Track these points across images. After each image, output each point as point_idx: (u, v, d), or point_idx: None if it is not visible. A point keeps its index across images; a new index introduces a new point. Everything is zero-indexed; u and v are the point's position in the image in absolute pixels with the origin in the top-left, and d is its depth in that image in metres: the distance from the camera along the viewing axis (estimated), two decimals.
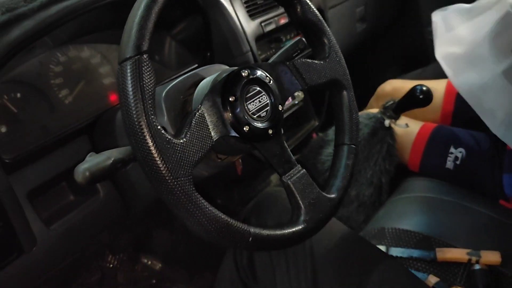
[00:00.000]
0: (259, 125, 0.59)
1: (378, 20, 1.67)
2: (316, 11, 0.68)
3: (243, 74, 0.60)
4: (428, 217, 0.98)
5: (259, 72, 0.61)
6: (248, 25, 1.01)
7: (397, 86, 1.32)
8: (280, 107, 0.62)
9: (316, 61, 0.67)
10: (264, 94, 0.61)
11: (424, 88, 1.00)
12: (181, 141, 0.50)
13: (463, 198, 1.02)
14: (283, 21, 1.11)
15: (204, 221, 0.50)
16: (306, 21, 0.68)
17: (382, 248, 0.91)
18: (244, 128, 0.57)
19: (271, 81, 0.62)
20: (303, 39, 0.78)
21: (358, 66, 1.75)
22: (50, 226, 0.72)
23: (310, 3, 0.68)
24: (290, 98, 1.20)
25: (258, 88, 0.61)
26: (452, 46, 1.06)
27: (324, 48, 0.68)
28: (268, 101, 0.61)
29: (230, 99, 0.57)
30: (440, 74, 1.39)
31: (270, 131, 0.60)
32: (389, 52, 1.86)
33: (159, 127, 0.48)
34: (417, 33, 1.79)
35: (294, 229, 0.57)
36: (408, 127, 1.10)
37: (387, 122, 1.08)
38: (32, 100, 0.82)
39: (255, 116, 0.60)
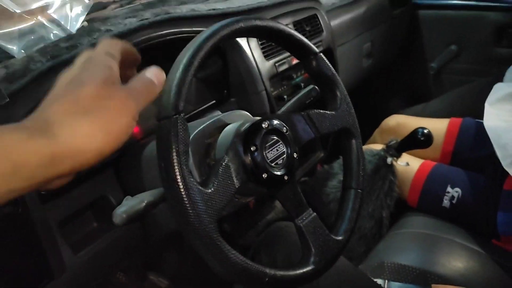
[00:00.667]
0: (276, 172, 0.65)
1: (384, 56, 1.75)
2: (330, 66, 0.74)
3: (263, 125, 0.65)
4: (425, 253, 1.04)
5: (277, 123, 0.67)
6: (263, 66, 1.08)
7: (400, 122, 1.40)
8: (295, 155, 0.68)
9: (328, 112, 0.73)
10: (281, 143, 0.67)
11: (425, 131, 1.07)
12: (209, 191, 0.56)
13: (458, 235, 1.08)
14: (295, 61, 1.17)
15: (226, 264, 0.55)
16: (321, 74, 0.74)
17: (382, 282, 0.97)
18: (263, 175, 0.63)
19: (288, 131, 0.68)
20: (316, 87, 0.84)
21: (363, 99, 1.82)
22: (77, 254, 0.78)
23: (325, 58, 0.74)
24: None
25: (276, 138, 0.67)
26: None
27: (336, 100, 0.75)
28: (284, 150, 0.67)
29: (252, 148, 0.63)
30: (441, 110, 1.47)
31: (286, 177, 0.66)
32: (392, 86, 1.93)
33: (191, 179, 0.54)
34: (420, 68, 1.86)
35: (305, 270, 0.62)
36: (408, 166, 1.16)
37: (389, 160, 1.14)
38: None
39: (273, 164, 0.65)
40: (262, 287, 0.59)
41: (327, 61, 0.75)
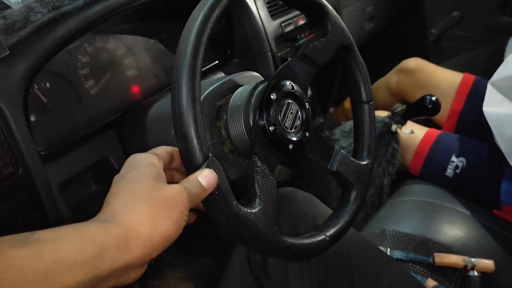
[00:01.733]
0: (299, 136, 0.63)
1: (385, 20, 1.71)
2: None
3: (272, 97, 0.62)
4: (426, 222, 1.04)
5: (283, 85, 0.64)
6: (269, 25, 1.03)
7: (421, 64, 1.39)
8: (307, 105, 0.66)
9: (321, 39, 0.69)
10: (293, 103, 0.64)
11: (433, 99, 1.05)
12: (256, 210, 0.54)
13: (460, 205, 1.08)
14: (301, 21, 1.13)
15: (299, 251, 0.58)
16: (304, 1, 0.69)
17: (384, 249, 0.97)
18: (290, 147, 0.62)
19: (294, 86, 0.64)
20: None
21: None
22: (78, 216, 0.75)
23: None
24: None
25: (287, 101, 0.64)
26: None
27: (325, 23, 0.70)
28: (297, 108, 0.64)
29: (271, 129, 0.61)
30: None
31: (307, 134, 0.65)
32: (391, 51, 1.90)
33: (240, 207, 0.52)
34: (420, 34, 1.82)
35: (352, 209, 0.68)
36: (413, 133, 1.15)
37: (394, 127, 1.12)
38: (61, 90, 0.83)
39: (293, 130, 0.63)
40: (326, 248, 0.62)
41: None
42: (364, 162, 0.71)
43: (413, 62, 1.40)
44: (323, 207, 0.87)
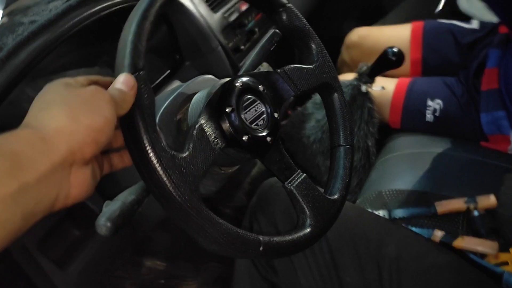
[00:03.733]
0: (257, 134, 0.60)
1: None
2: (302, 17, 0.68)
3: (237, 84, 0.59)
4: (419, 173, 1.02)
5: (251, 81, 0.61)
6: (212, 19, 0.99)
7: (363, 34, 1.36)
8: (276, 114, 0.63)
9: (305, 66, 0.67)
10: (259, 103, 0.61)
11: (395, 50, 1.02)
12: (184, 155, 0.50)
13: (447, 147, 1.07)
14: (244, 7, 1.09)
15: (216, 235, 0.49)
16: (293, 28, 0.68)
17: (385, 212, 0.95)
18: (244, 138, 0.58)
19: (265, 90, 0.62)
20: (277, 31, 0.77)
21: (316, 18, 1.73)
22: (65, 270, 0.72)
23: (295, 10, 0.68)
24: None
25: (252, 97, 0.61)
26: None
27: (312, 53, 0.68)
28: (263, 109, 0.62)
29: (227, 110, 0.57)
30: (397, 23, 1.42)
31: (269, 139, 0.61)
32: (343, 7, 1.85)
33: (162, 144, 0.48)
34: None
35: (302, 234, 0.58)
36: (384, 89, 1.12)
37: (363, 87, 1.10)
38: None
39: (252, 125, 0.60)
40: (258, 256, 0.54)
41: (297, 12, 0.68)
42: (332, 197, 0.63)
43: (355, 35, 1.38)
44: None
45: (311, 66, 0.67)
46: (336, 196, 0.63)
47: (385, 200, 0.98)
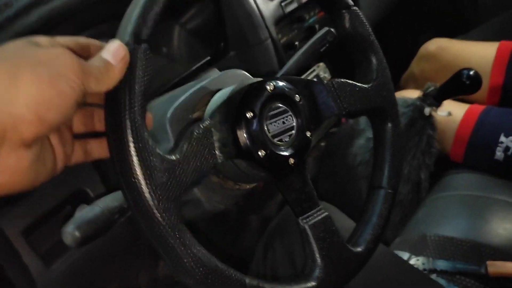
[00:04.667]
0: (279, 151, 0.49)
1: None
2: (367, 25, 0.57)
3: (268, 87, 0.49)
4: (475, 221, 0.87)
5: (288, 87, 0.51)
6: (266, 7, 0.88)
7: (443, 46, 1.19)
8: (308, 134, 0.52)
9: (359, 84, 0.56)
10: (290, 115, 0.51)
11: (472, 73, 0.87)
12: (174, 157, 0.40)
13: None
14: None
15: (189, 262, 0.39)
16: (354, 35, 0.57)
17: (425, 260, 0.81)
18: (259, 152, 0.47)
19: (302, 100, 0.51)
20: (332, 30, 0.66)
21: (390, 36, 1.59)
22: (50, 266, 0.64)
23: (361, 14, 0.57)
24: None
25: (284, 107, 0.50)
26: None
27: (371, 69, 0.58)
28: (294, 124, 0.51)
29: (248, 114, 0.47)
30: (484, 39, 1.24)
31: (292, 161, 0.50)
32: (422, 17, 1.68)
33: (145, 133, 0.38)
34: None
35: (303, 287, 0.47)
36: (451, 115, 0.97)
37: (427, 110, 0.95)
38: None
39: (275, 140, 0.50)
40: None
41: (363, 17, 0.58)
42: (354, 249, 0.52)
43: (433, 45, 1.20)
44: (345, 222, 0.73)
45: (366, 86, 0.56)
46: (360, 249, 0.52)
47: (428, 246, 0.84)
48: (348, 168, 1.05)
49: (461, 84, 0.88)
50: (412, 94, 1.05)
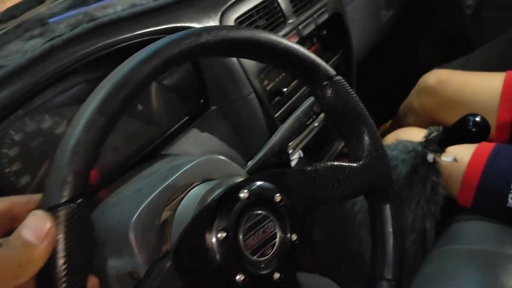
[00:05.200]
0: (261, 270, 0.42)
1: (405, 2, 1.42)
2: (353, 93, 0.50)
3: (241, 195, 0.42)
4: (486, 282, 0.79)
5: (266, 188, 0.44)
6: (247, 60, 0.80)
7: (443, 78, 1.11)
8: (294, 237, 0.45)
9: (348, 164, 0.49)
10: (271, 220, 0.44)
11: (478, 119, 0.79)
12: None
13: None
14: (294, 39, 0.89)
15: None
16: (339, 108, 0.50)
17: None
18: (238, 278, 0.41)
19: (283, 199, 0.44)
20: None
21: (386, 61, 1.51)
22: None
23: (344, 82, 0.50)
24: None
25: (263, 213, 0.43)
26: None
27: (362, 145, 0.51)
28: (276, 230, 0.44)
29: (219, 235, 0.40)
30: (488, 62, 1.17)
31: (277, 276, 0.43)
32: (421, 38, 1.60)
33: None
34: (453, 10, 1.52)
35: None
36: (456, 162, 0.89)
37: (430, 156, 0.87)
38: None
39: (254, 257, 0.43)
40: None
41: (347, 86, 0.51)
42: None
43: (433, 78, 1.12)
44: None
45: (355, 165, 0.49)
46: None
47: None
48: (347, 217, 0.98)
49: (466, 132, 0.80)
50: (412, 133, 0.97)
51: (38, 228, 0.30)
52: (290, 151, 0.87)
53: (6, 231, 0.36)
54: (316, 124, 1.02)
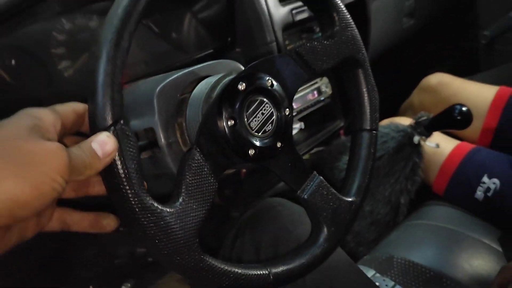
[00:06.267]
0: (265, 143, 0.52)
1: (428, 16, 1.52)
2: None
3: (240, 87, 0.51)
4: (443, 252, 0.89)
5: (258, 78, 0.52)
6: (276, 11, 0.90)
7: (444, 81, 1.23)
8: (287, 111, 0.54)
9: (322, 42, 0.56)
10: (267, 103, 0.53)
11: (464, 109, 0.89)
12: (173, 210, 0.43)
13: (487, 235, 0.92)
14: None
15: (223, 280, 0.46)
16: None
17: (389, 283, 0.83)
18: (250, 152, 0.50)
19: (274, 84, 0.53)
20: None
21: (398, 64, 1.62)
22: None
23: None
24: (315, 93, 1.10)
25: (259, 98, 0.52)
26: None
27: (332, 22, 0.58)
28: (272, 110, 0.53)
29: (229, 123, 0.50)
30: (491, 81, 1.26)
31: (279, 144, 0.53)
32: (434, 53, 1.71)
33: (150, 201, 0.42)
34: (469, 35, 1.63)
35: (315, 252, 0.53)
36: (438, 148, 0.99)
37: (416, 138, 0.97)
38: (28, 70, 0.75)
39: (259, 134, 0.52)
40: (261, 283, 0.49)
41: None
42: (349, 199, 0.57)
43: (435, 79, 1.24)
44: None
45: (330, 41, 0.57)
46: (352, 199, 0.57)
47: (393, 268, 0.85)
48: (334, 181, 1.07)
49: (452, 118, 0.90)
50: (405, 121, 1.07)
51: (107, 146, 0.39)
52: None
53: (72, 128, 0.45)
54: (322, 98, 1.12)
